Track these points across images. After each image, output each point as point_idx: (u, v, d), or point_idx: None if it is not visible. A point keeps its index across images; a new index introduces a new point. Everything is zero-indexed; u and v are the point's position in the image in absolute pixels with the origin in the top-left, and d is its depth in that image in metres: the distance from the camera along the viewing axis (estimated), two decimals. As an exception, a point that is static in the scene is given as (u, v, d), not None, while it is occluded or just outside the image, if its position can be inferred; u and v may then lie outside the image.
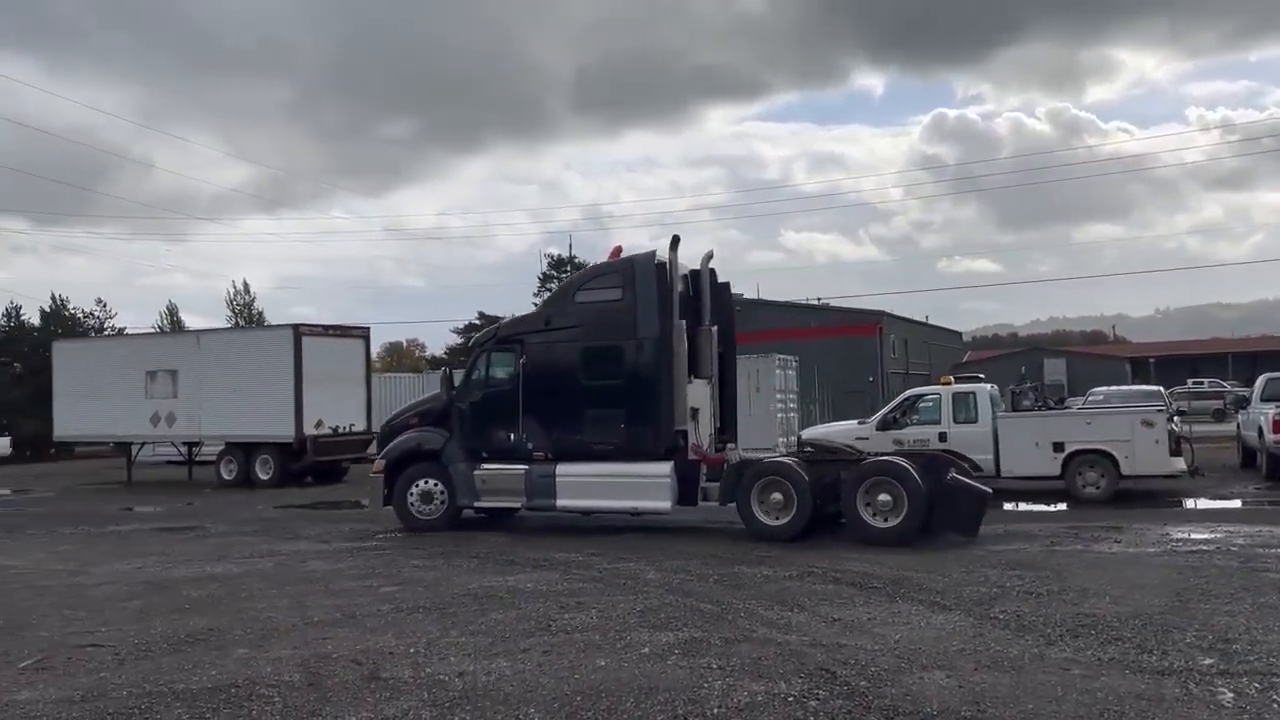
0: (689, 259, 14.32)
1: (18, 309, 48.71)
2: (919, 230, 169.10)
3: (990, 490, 12.67)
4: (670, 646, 7.07)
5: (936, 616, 7.89)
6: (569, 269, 68.24)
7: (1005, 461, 16.66)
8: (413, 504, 14.39)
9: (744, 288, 62.18)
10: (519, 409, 13.95)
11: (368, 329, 28.17)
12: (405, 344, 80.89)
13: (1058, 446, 16.25)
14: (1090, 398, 25.55)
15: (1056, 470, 16.31)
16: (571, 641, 7.32)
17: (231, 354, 26.22)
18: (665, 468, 13.03)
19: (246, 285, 63.24)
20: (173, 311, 59.78)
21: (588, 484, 13.47)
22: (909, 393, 19.24)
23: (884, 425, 17.69)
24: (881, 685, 6.02)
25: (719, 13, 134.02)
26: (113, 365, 27.79)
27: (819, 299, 59.49)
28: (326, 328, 26.90)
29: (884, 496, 11.86)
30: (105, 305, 51.20)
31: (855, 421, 19.38)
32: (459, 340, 63.04)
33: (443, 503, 14.32)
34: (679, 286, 13.57)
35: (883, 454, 13.11)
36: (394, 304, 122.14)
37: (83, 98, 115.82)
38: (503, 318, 61.45)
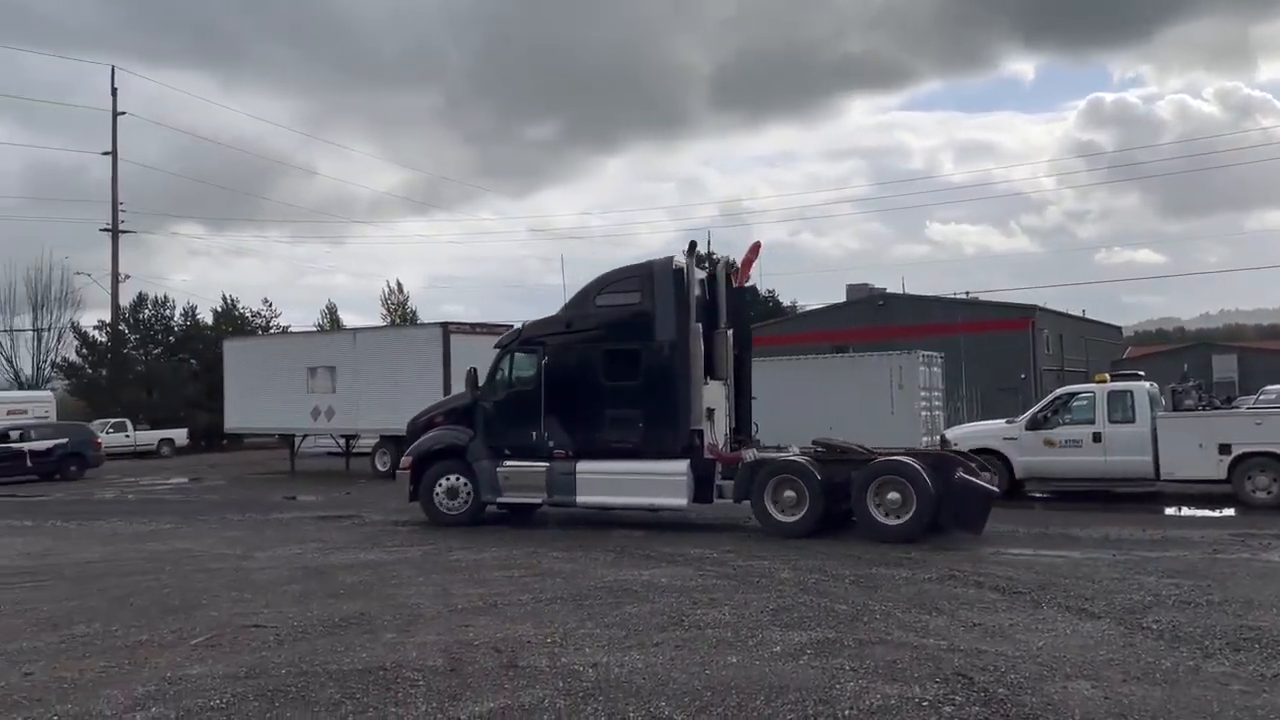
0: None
1: (193, 309, 52.30)
2: (1074, 220, 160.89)
3: (997, 490, 12.87)
4: (802, 646, 7.04)
5: (1084, 624, 7.58)
6: (707, 265, 68.43)
7: (1165, 463, 15.80)
8: (439, 499, 14.86)
9: (888, 282, 60.83)
10: (541, 408, 14.38)
11: (512, 327, 28.94)
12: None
13: (1224, 448, 15.30)
14: (1262, 396, 23.92)
15: (1222, 473, 15.35)
16: (704, 637, 7.37)
17: (385, 351, 27.42)
18: (682, 466, 13.43)
19: (400, 285, 66.05)
20: (332, 310, 62.98)
21: (607, 481, 13.90)
22: (1061, 391, 18.44)
23: (1033, 425, 17.01)
24: (1021, 693, 5.83)
25: (862, 1, 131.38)
26: (277, 362, 29.51)
27: (967, 293, 57.62)
28: (474, 325, 27.77)
29: (893, 495, 12.19)
30: (271, 304, 54.46)
31: (1003, 421, 18.68)
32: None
33: (467, 498, 14.74)
34: (695, 291, 14.03)
35: (892, 453, 13.19)
36: (540, 302, 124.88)
37: (252, 110, 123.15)
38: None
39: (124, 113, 48.20)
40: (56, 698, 6.16)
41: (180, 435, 43.48)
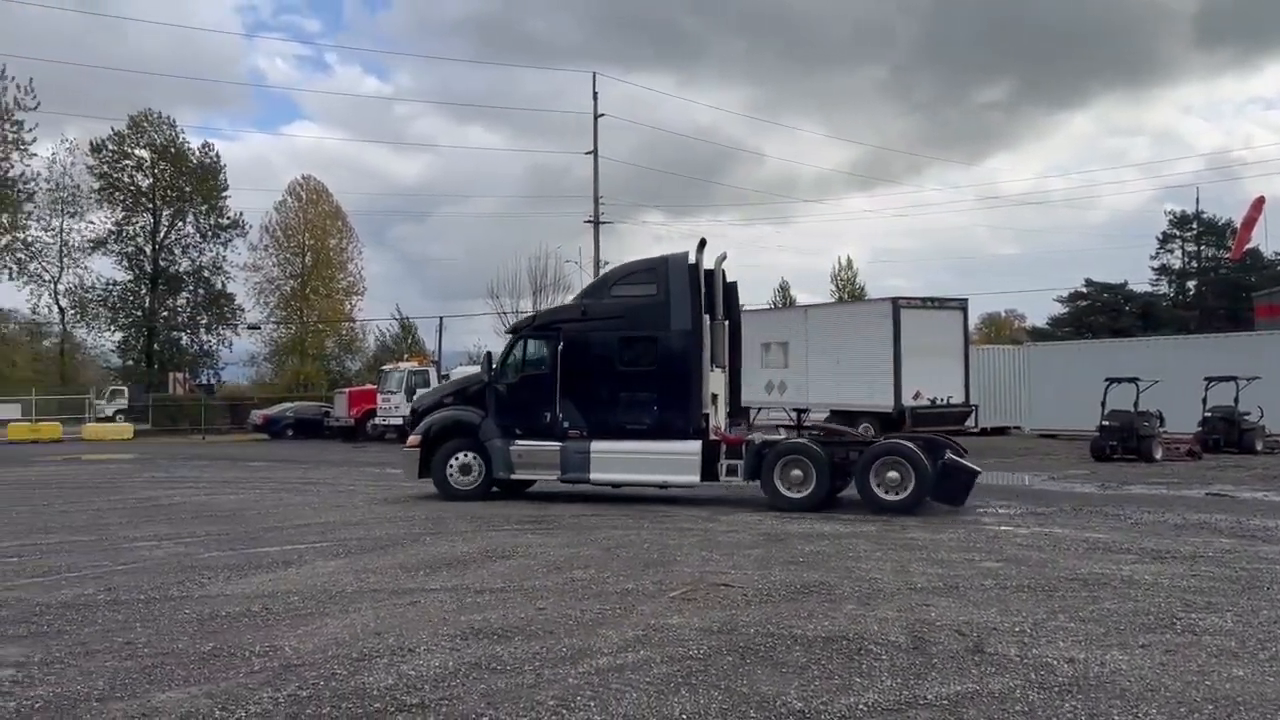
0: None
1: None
2: None
3: (980, 469, 14.23)
4: (1332, 667, 6.01)
5: None
6: (1195, 226, 60.48)
7: None
8: (452, 475, 15.62)
9: None
10: (556, 391, 15.13)
11: (965, 300, 27.88)
12: (1003, 314, 78.37)
13: None
14: None
15: None
16: (1199, 644, 6.58)
17: (835, 327, 27.81)
18: (695, 446, 14.43)
19: (849, 260, 66.41)
20: (784, 288, 65.01)
21: (621, 459, 14.75)
22: None
23: None
24: None
25: None
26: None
27: None
28: (924, 300, 27.18)
29: (892, 474, 13.52)
30: (727, 284, 57.45)
31: None
32: (1063, 310, 59.38)
33: (479, 475, 15.55)
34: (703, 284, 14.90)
35: (889, 437, 15.06)
36: (988, 274, 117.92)
37: (708, 101, 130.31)
38: (1122, 283, 55.53)
39: (603, 115, 53.40)
40: (564, 631, 7.07)
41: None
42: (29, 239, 55.43)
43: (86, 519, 13.86)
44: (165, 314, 59.69)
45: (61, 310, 58.17)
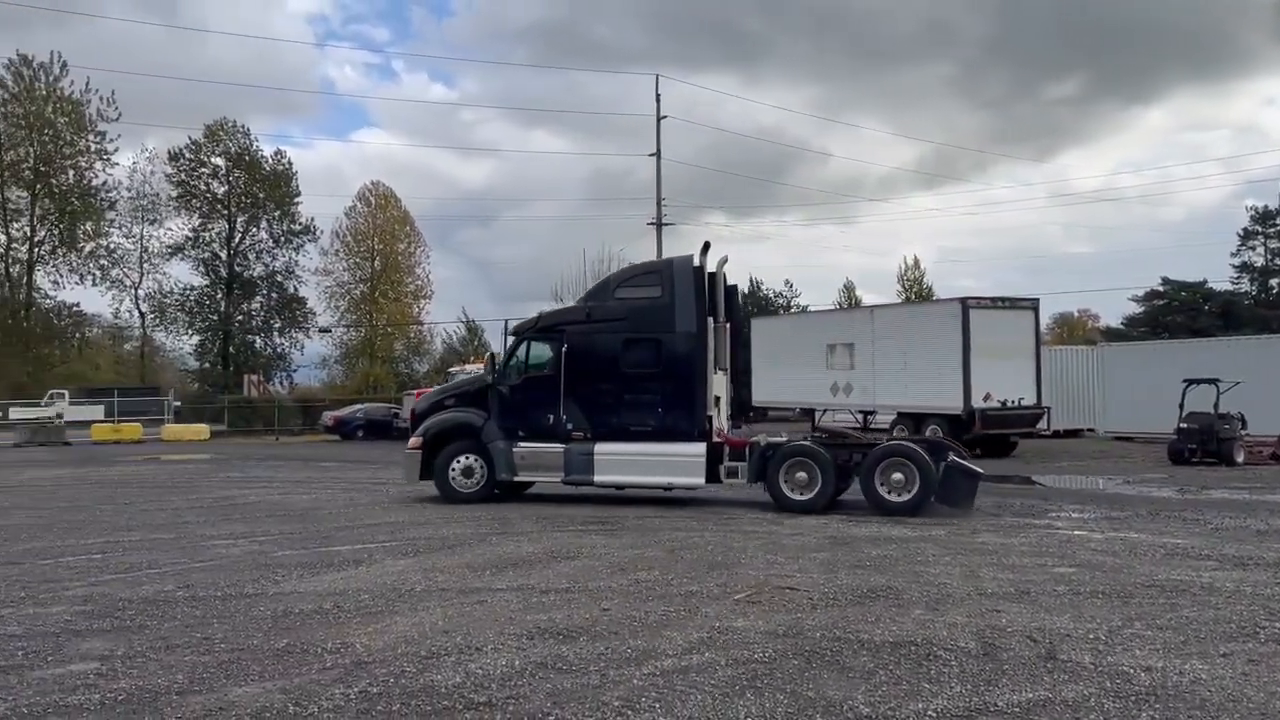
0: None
1: (724, 291, 56.67)
2: None
3: (983, 471, 14.20)
4: None
5: None
6: (1278, 221, 58.42)
7: None
8: (454, 478, 15.57)
9: None
10: (559, 393, 15.07)
11: (1036, 300, 27.29)
12: (1076, 314, 76.50)
13: None
14: None
15: None
16: (1285, 654, 6.37)
17: (902, 327, 27.43)
18: (700, 448, 14.48)
19: (916, 260, 65.54)
20: (849, 289, 64.38)
21: (626, 461, 14.72)
22: None
23: None
24: None
25: None
26: (799, 339, 30.93)
27: None
28: (994, 300, 26.68)
29: (897, 475, 13.59)
30: (791, 285, 57.09)
31: None
32: (1139, 309, 57.80)
33: (482, 477, 15.48)
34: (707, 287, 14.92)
35: (893, 439, 15.21)
36: (1060, 272, 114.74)
37: (772, 100, 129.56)
38: (1201, 281, 53.83)
39: (666, 117, 53.43)
40: (629, 632, 7.09)
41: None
42: (111, 246, 57.32)
43: (166, 517, 14.29)
44: (240, 318, 61.09)
45: (141, 315, 59.96)
